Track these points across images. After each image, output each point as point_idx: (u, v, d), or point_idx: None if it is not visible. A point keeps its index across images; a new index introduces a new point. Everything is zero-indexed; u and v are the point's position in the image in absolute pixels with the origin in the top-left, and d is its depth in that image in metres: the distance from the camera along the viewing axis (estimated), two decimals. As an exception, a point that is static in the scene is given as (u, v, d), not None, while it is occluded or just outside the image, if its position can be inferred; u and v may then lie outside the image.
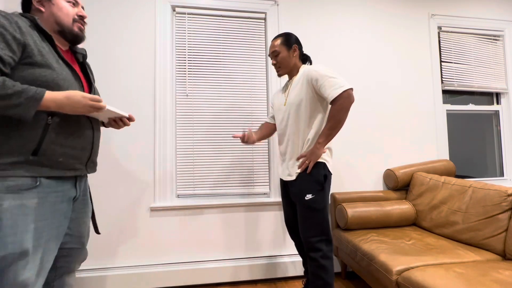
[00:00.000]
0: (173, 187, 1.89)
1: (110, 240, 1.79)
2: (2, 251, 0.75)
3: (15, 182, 0.81)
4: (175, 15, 1.98)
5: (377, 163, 2.14)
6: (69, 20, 0.98)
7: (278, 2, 2.08)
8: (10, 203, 0.79)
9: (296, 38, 1.45)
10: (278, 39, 1.43)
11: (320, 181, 1.32)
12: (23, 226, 0.79)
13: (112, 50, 1.86)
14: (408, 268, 1.30)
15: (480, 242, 1.49)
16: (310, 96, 1.34)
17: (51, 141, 0.87)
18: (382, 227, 1.88)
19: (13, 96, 0.77)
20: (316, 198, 1.30)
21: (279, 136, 1.50)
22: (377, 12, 2.24)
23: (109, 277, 1.74)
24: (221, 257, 1.89)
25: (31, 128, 0.84)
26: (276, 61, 1.43)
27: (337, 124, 1.27)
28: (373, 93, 2.18)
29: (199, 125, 1.96)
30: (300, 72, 1.42)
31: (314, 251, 1.31)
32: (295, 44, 1.42)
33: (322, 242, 1.31)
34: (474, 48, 2.41)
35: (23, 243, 0.79)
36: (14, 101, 0.77)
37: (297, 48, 1.43)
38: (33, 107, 0.80)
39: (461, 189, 1.68)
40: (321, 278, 1.30)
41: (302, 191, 1.32)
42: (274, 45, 1.43)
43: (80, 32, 1.02)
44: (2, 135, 0.82)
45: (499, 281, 1.09)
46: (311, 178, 1.32)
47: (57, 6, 0.96)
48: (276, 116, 1.52)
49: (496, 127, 2.51)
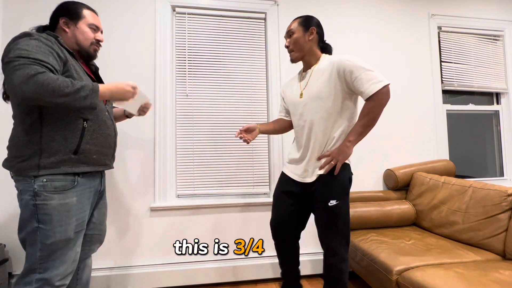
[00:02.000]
0: (173, 187, 1.89)
1: (110, 240, 1.79)
2: (52, 238, 0.96)
3: (60, 183, 0.98)
4: (175, 15, 1.98)
5: (377, 163, 2.14)
6: (88, 43, 1.13)
7: (278, 2, 2.08)
8: (57, 202, 0.97)
9: (318, 22, 1.30)
10: (297, 19, 1.29)
11: (346, 186, 1.23)
12: (66, 219, 0.99)
13: (112, 50, 1.86)
14: (408, 268, 1.30)
15: (480, 242, 1.49)
16: (339, 89, 1.19)
17: (86, 141, 1.05)
18: (382, 227, 1.88)
19: (81, 89, 0.94)
20: (340, 204, 1.20)
21: (296, 132, 1.35)
22: (377, 12, 2.24)
23: (109, 277, 1.74)
24: (221, 257, 1.89)
25: (71, 131, 1.01)
26: (289, 43, 1.29)
27: (372, 122, 1.17)
28: (373, 93, 2.17)
29: (199, 125, 1.96)
30: (323, 61, 1.26)
31: (333, 255, 1.24)
32: (313, 27, 1.27)
33: (342, 246, 1.23)
34: (474, 48, 2.41)
35: (67, 232, 1.00)
36: (82, 93, 0.94)
37: (314, 31, 1.27)
38: (96, 97, 0.97)
39: (461, 189, 1.68)
40: (339, 282, 1.25)
41: (325, 196, 1.21)
42: (291, 25, 1.29)
43: (94, 53, 1.18)
44: (49, 138, 0.97)
45: (499, 281, 1.09)
46: (335, 182, 1.21)
47: (80, 30, 1.11)
48: (292, 110, 1.36)
49: (496, 127, 2.51)
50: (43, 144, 0.96)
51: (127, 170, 1.84)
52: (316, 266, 1.94)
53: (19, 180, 0.98)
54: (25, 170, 0.95)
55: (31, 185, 0.95)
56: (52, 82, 0.88)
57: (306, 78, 1.31)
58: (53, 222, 0.96)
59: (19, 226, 0.98)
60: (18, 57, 0.88)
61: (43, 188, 0.95)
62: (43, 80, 0.87)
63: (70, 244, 1.01)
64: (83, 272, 1.22)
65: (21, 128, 0.97)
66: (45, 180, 0.96)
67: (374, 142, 2.14)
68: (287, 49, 1.32)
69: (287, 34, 1.31)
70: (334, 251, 1.23)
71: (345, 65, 1.16)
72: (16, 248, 1.69)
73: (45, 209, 0.95)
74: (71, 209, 1.00)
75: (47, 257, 0.96)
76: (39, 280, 0.95)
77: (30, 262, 0.96)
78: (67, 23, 1.10)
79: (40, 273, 0.95)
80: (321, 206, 1.23)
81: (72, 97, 0.92)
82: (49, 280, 0.96)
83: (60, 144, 0.98)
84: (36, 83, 0.86)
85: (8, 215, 1.70)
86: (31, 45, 0.92)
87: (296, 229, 1.40)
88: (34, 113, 0.96)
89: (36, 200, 0.95)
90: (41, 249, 0.95)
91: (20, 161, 0.96)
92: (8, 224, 1.69)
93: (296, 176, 1.33)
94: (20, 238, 0.99)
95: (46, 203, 0.95)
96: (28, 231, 0.96)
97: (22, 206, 0.97)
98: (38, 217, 0.95)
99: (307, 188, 1.29)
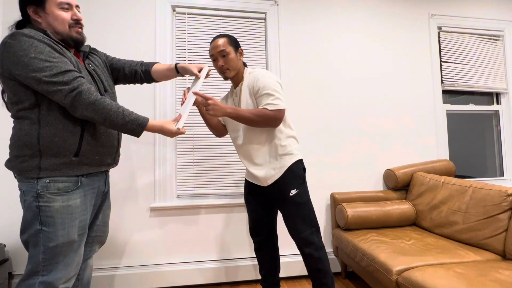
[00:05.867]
0: (173, 187, 1.89)
1: (110, 240, 1.79)
2: (55, 241, 0.95)
3: (64, 184, 0.97)
4: (175, 15, 1.98)
5: (377, 163, 2.14)
6: (66, 27, 1.01)
7: (278, 2, 2.08)
8: (60, 204, 0.96)
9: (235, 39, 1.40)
10: (222, 38, 1.33)
11: (300, 174, 1.34)
12: (69, 222, 0.98)
13: (112, 50, 1.86)
14: (408, 268, 1.30)
15: (480, 242, 1.49)
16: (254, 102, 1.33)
17: (87, 142, 1.02)
18: (382, 227, 1.88)
19: (129, 123, 1.01)
20: (300, 191, 1.31)
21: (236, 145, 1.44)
22: (377, 12, 2.24)
23: (109, 277, 1.74)
24: (221, 257, 1.89)
25: (71, 133, 0.98)
26: (224, 63, 1.32)
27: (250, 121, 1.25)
28: (373, 93, 2.18)
29: (199, 125, 1.96)
30: (246, 77, 1.37)
31: (308, 245, 1.30)
32: (240, 48, 1.38)
33: (313, 234, 1.31)
34: (474, 48, 2.41)
35: (70, 235, 0.98)
36: (129, 127, 1.02)
37: (242, 52, 1.38)
38: (141, 132, 1.05)
39: (461, 189, 1.68)
40: (320, 270, 1.30)
41: (284, 188, 1.31)
42: (220, 45, 1.31)
43: (79, 36, 1.05)
44: (47, 139, 0.95)
45: (499, 281, 1.09)
46: (290, 173, 1.32)
47: (52, 15, 0.99)
48: (230, 127, 1.45)
49: (496, 127, 2.51)
50: (41, 145, 0.94)
51: (127, 170, 1.84)
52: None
53: (22, 181, 0.96)
54: (26, 172, 0.94)
55: (34, 186, 0.94)
56: (106, 112, 0.97)
57: (238, 95, 1.40)
58: (56, 225, 0.95)
59: (22, 228, 0.97)
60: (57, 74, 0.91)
61: (46, 189, 0.94)
62: (101, 108, 0.96)
63: (74, 247, 1.00)
64: (85, 272, 1.21)
65: (20, 127, 0.95)
66: (48, 181, 0.94)
67: (374, 142, 2.15)
68: (221, 69, 1.35)
69: (219, 55, 1.33)
70: (308, 240, 1.30)
71: (256, 82, 1.29)
72: (16, 248, 1.69)
73: (48, 211, 0.94)
74: (74, 211, 0.99)
75: (50, 260, 0.95)
76: (42, 283, 0.93)
77: (33, 264, 0.94)
78: (36, 11, 0.99)
79: (43, 275, 0.94)
80: (283, 199, 1.32)
81: (119, 128, 1.01)
82: (52, 284, 0.94)
83: (60, 146, 0.96)
84: (94, 110, 0.95)
85: (8, 215, 1.70)
86: (46, 53, 0.91)
87: (270, 224, 1.50)
88: (33, 114, 0.94)
89: (39, 202, 0.93)
90: (44, 252, 0.94)
91: (21, 161, 0.94)
92: (8, 224, 1.69)
93: (253, 180, 1.43)
94: (23, 240, 0.97)
95: (49, 205, 0.94)
96: (31, 233, 0.95)
97: (25, 208, 0.95)
98: (41, 219, 0.94)
99: (271, 188, 1.37)
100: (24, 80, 0.91)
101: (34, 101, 0.94)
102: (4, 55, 0.90)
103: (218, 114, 1.23)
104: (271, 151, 1.35)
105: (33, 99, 0.94)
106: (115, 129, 1.01)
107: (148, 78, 1.34)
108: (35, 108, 0.94)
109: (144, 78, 1.33)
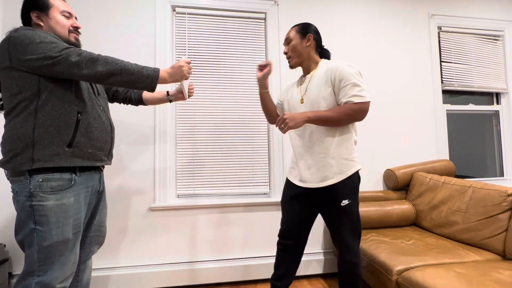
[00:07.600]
0: (173, 187, 1.89)
1: (110, 240, 1.79)
2: (50, 240, 0.94)
3: (57, 183, 0.97)
4: (175, 15, 1.98)
5: (377, 163, 2.14)
6: (65, 32, 1.09)
7: (278, 2, 2.08)
8: (53, 203, 0.95)
9: (315, 29, 1.34)
10: (295, 27, 1.34)
11: (356, 185, 1.26)
12: (63, 220, 0.97)
13: (112, 50, 1.86)
14: (408, 268, 1.30)
15: (480, 242, 1.49)
16: (335, 95, 1.23)
17: (81, 134, 1.02)
18: (382, 227, 1.88)
19: (144, 68, 1.03)
20: (352, 202, 1.24)
21: (295, 139, 1.36)
22: (377, 12, 2.24)
23: (109, 277, 1.74)
24: (221, 257, 1.89)
25: (66, 123, 0.99)
26: (287, 50, 1.34)
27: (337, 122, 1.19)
28: (373, 93, 2.18)
29: (199, 125, 1.96)
30: (322, 66, 1.30)
31: (349, 252, 1.26)
32: (310, 34, 1.31)
33: (355, 241, 1.27)
34: (474, 48, 2.41)
35: (65, 233, 0.98)
36: (145, 72, 1.03)
37: (311, 38, 1.30)
38: (157, 78, 1.05)
39: (461, 189, 1.68)
40: (355, 274, 1.28)
41: (337, 197, 1.23)
42: (289, 32, 1.35)
43: (76, 41, 1.13)
44: (42, 129, 0.95)
45: (499, 281, 1.09)
46: (347, 182, 1.23)
47: (54, 20, 1.07)
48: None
49: (496, 127, 2.51)
50: (36, 135, 0.94)
51: (127, 170, 1.84)
52: (316, 266, 1.94)
53: (14, 181, 0.96)
54: (19, 165, 0.93)
55: (26, 185, 0.93)
56: (119, 61, 1.00)
57: (305, 83, 1.33)
58: (50, 224, 0.94)
59: (16, 228, 0.97)
60: (64, 48, 0.95)
61: (39, 188, 0.94)
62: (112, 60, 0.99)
63: (69, 246, 0.99)
64: (84, 273, 1.21)
65: (14, 122, 0.95)
66: (41, 180, 0.94)
67: (374, 142, 2.15)
68: (286, 56, 1.36)
69: (285, 41, 1.36)
70: (350, 247, 1.26)
71: (338, 72, 1.20)
72: (16, 248, 1.69)
73: (42, 210, 0.93)
74: (68, 209, 0.98)
75: (45, 260, 0.94)
76: (38, 283, 0.93)
77: (28, 264, 0.94)
78: (39, 16, 1.05)
79: (39, 276, 0.93)
80: (333, 207, 1.24)
81: (136, 75, 1.01)
82: (48, 284, 0.94)
83: (54, 136, 0.96)
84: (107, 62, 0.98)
85: (8, 215, 1.70)
86: (50, 37, 0.97)
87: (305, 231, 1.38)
88: (31, 105, 0.95)
89: (32, 201, 0.93)
90: (39, 251, 0.94)
91: (13, 155, 0.94)
92: (8, 224, 1.69)
93: (300, 183, 1.32)
94: (18, 240, 0.97)
95: (42, 204, 0.94)
96: (25, 233, 0.94)
97: (19, 208, 0.95)
98: (34, 218, 0.93)
99: (312, 191, 1.29)
100: (35, 62, 0.93)
101: (36, 90, 0.96)
102: (11, 47, 0.93)
103: (299, 123, 1.16)
104: (336, 151, 1.25)
105: (35, 88, 0.96)
106: (131, 79, 1.02)
107: (138, 100, 1.42)
108: (35, 98, 0.96)
109: (134, 99, 1.41)
